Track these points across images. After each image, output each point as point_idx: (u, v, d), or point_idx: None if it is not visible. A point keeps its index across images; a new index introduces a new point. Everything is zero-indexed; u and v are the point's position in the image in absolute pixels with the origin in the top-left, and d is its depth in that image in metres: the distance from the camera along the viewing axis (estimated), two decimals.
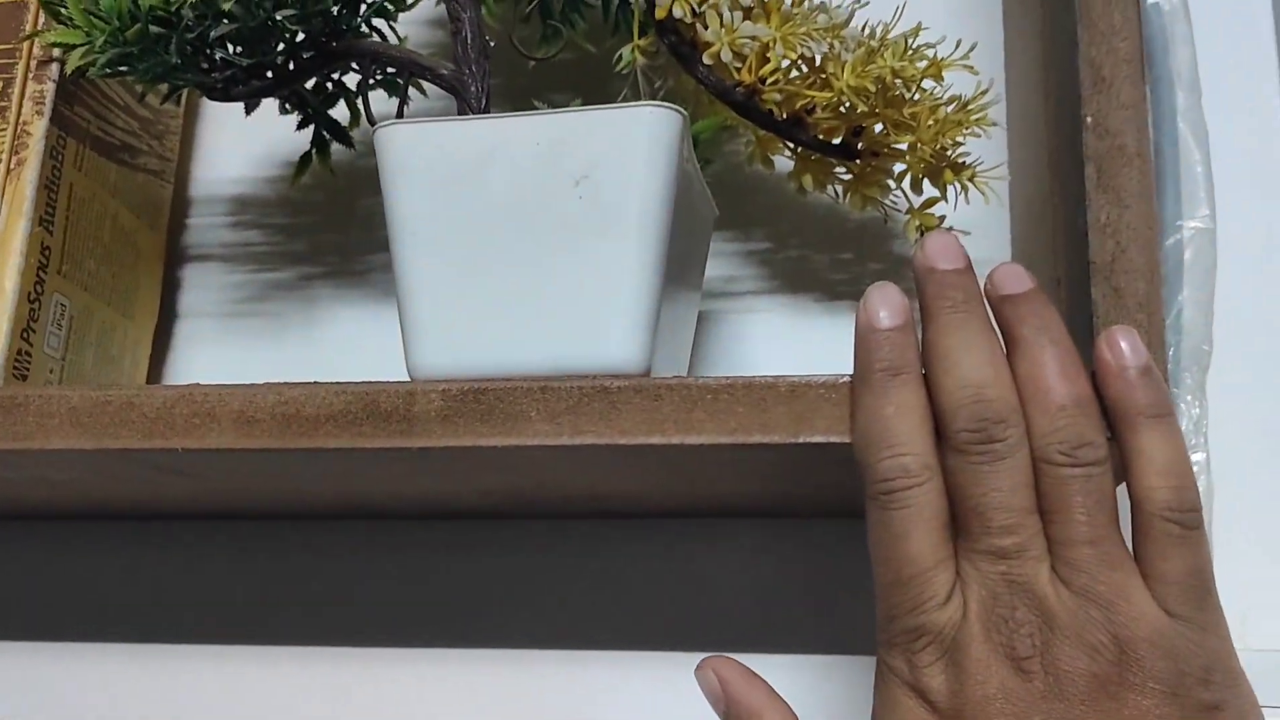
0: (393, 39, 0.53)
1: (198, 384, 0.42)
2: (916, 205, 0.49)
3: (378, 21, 0.52)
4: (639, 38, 0.49)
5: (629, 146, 0.42)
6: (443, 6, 0.48)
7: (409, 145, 0.43)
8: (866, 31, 0.46)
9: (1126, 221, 0.39)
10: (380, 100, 0.53)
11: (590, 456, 0.41)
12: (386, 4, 0.51)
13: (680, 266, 0.45)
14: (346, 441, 0.41)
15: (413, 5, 0.52)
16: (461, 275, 0.42)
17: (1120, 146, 0.39)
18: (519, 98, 0.58)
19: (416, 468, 0.44)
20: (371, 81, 0.52)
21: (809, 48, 0.45)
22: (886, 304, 0.38)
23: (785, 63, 0.45)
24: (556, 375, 0.41)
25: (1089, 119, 0.40)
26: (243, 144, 0.61)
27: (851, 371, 0.39)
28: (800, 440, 0.39)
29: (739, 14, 0.45)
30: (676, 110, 0.42)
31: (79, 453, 0.43)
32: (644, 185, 0.41)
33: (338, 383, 0.42)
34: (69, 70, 0.46)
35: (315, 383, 0.42)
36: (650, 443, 0.39)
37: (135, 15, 0.46)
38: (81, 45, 0.46)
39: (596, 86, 0.55)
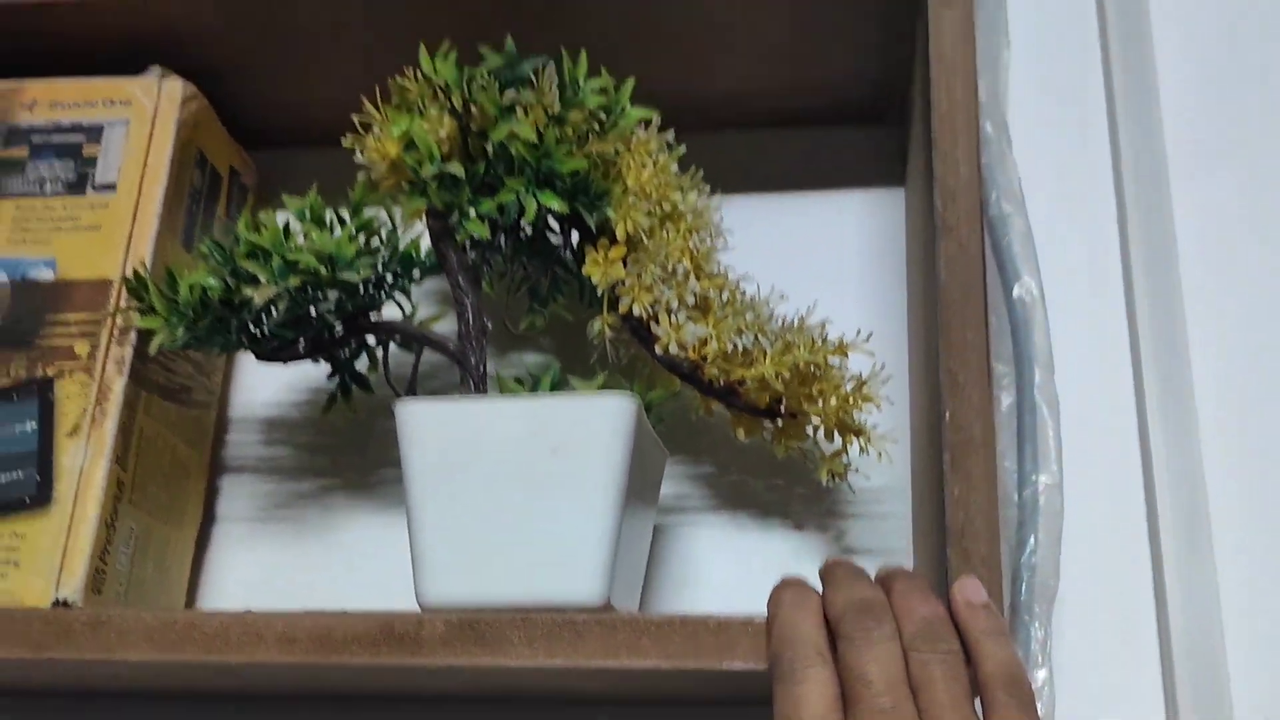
0: (405, 304, 0.65)
1: (249, 610, 0.53)
2: (828, 454, 0.61)
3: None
4: (606, 314, 0.61)
5: (594, 425, 0.53)
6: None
7: (422, 418, 0.55)
8: (785, 323, 0.59)
9: (974, 499, 0.50)
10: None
11: (560, 672, 0.52)
12: (405, 280, 0.63)
13: (636, 503, 0.57)
14: (368, 659, 0.52)
15: (422, 280, 0.64)
16: (461, 523, 0.54)
17: (970, 439, 0.51)
18: (511, 346, 0.70)
19: (424, 676, 0.55)
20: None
21: (738, 341, 0.57)
22: (790, 579, 0.50)
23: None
24: (535, 607, 0.52)
25: (947, 415, 0.52)
26: (275, 374, 0.73)
27: (765, 613, 0.50)
28: (724, 667, 0.50)
29: (683, 313, 0.57)
30: (632, 397, 0.54)
31: (150, 663, 0.54)
32: (606, 454, 0.53)
33: (362, 612, 0.52)
34: (151, 351, 0.58)
35: (344, 611, 0.53)
36: (607, 665, 0.50)
37: (206, 303, 0.58)
38: (161, 330, 0.58)
39: (574, 344, 0.67)
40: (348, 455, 0.71)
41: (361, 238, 0.61)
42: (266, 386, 0.73)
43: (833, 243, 0.71)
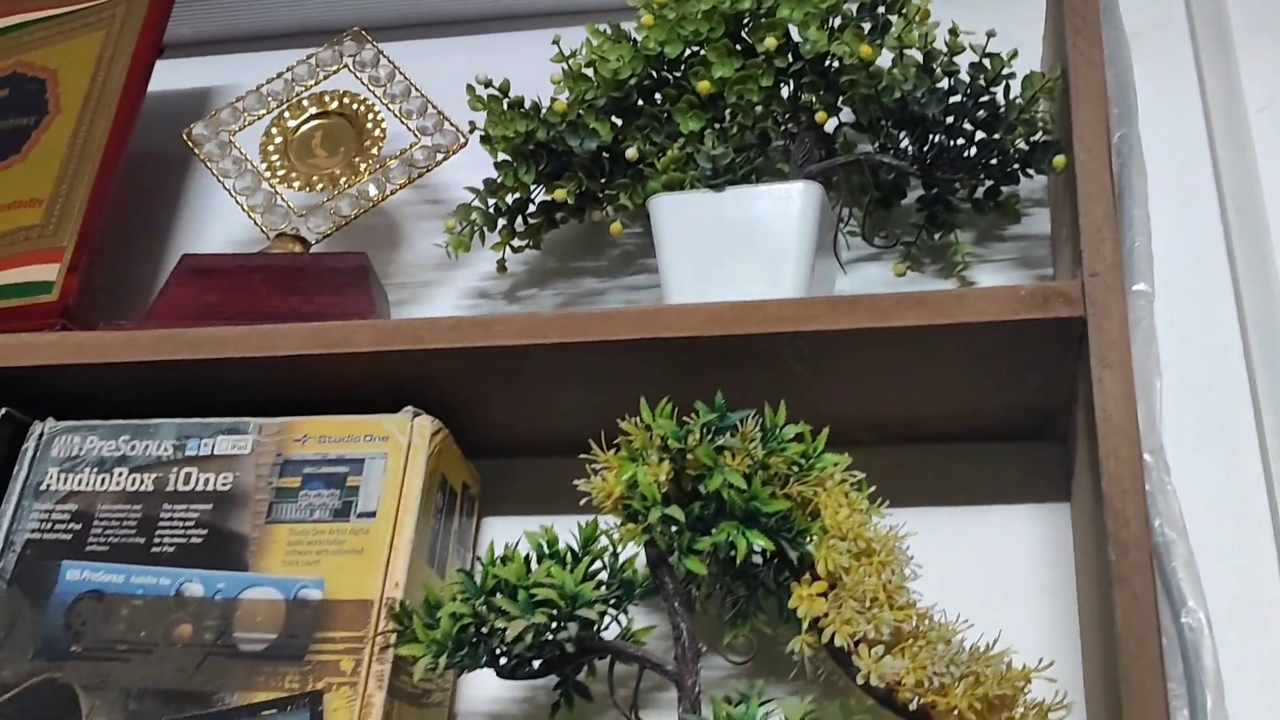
0: (622, 619, 0.74)
1: None
2: None
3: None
4: (805, 632, 0.68)
5: None
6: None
7: None
8: (972, 651, 0.65)
9: None
10: None
11: None
12: (625, 603, 0.71)
13: None
14: None
15: (639, 601, 0.72)
16: None
17: None
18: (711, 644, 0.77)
19: None
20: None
21: (930, 675, 0.63)
22: None
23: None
24: None
25: None
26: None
27: None
28: None
29: (881, 648, 0.64)
30: None
31: None
32: None
33: None
34: (416, 679, 0.67)
35: None
36: None
37: (463, 632, 0.67)
38: (424, 658, 0.67)
39: (770, 653, 0.74)
40: None
41: (591, 565, 0.70)
42: (491, 683, 0.81)
43: (1003, 556, 0.78)
